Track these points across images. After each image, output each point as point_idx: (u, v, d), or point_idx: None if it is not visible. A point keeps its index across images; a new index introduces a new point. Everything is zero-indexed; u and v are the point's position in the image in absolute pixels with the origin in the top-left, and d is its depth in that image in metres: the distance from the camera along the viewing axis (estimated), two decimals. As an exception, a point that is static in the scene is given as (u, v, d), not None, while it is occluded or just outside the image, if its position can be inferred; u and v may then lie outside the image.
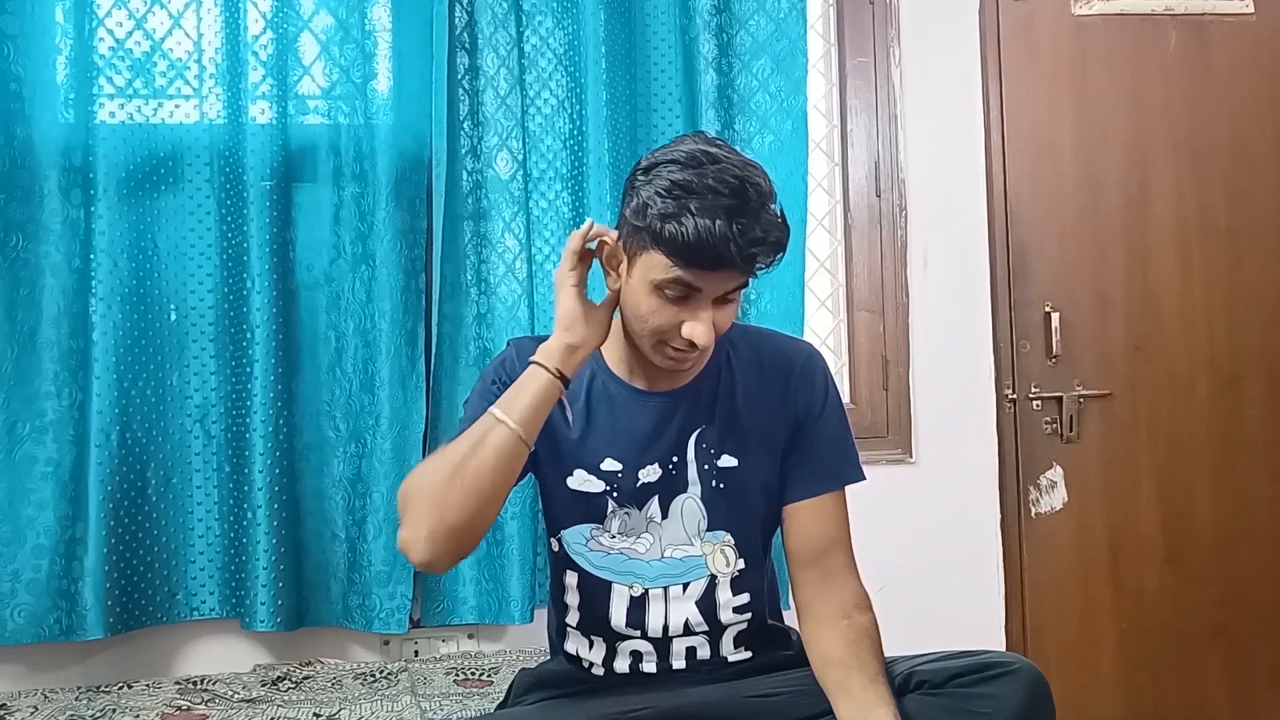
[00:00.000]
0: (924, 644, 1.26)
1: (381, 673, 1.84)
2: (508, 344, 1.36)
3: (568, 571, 1.31)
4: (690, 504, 1.29)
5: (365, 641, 1.97)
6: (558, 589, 1.34)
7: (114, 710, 1.65)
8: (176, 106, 1.89)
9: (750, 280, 1.18)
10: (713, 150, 1.15)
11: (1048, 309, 2.26)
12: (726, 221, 1.09)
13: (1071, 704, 2.16)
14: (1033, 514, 2.25)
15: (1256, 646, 2.30)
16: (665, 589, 1.28)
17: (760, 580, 1.33)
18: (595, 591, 1.29)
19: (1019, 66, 2.27)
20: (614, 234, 1.22)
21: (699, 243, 1.09)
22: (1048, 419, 2.26)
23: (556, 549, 1.32)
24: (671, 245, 1.11)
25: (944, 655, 1.20)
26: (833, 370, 2.19)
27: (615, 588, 1.29)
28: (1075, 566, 2.26)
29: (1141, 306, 2.28)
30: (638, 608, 1.28)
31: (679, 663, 1.30)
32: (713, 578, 1.29)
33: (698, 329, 1.15)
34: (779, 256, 1.14)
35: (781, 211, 1.15)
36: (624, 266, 1.20)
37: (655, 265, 1.14)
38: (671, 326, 1.16)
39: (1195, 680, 2.29)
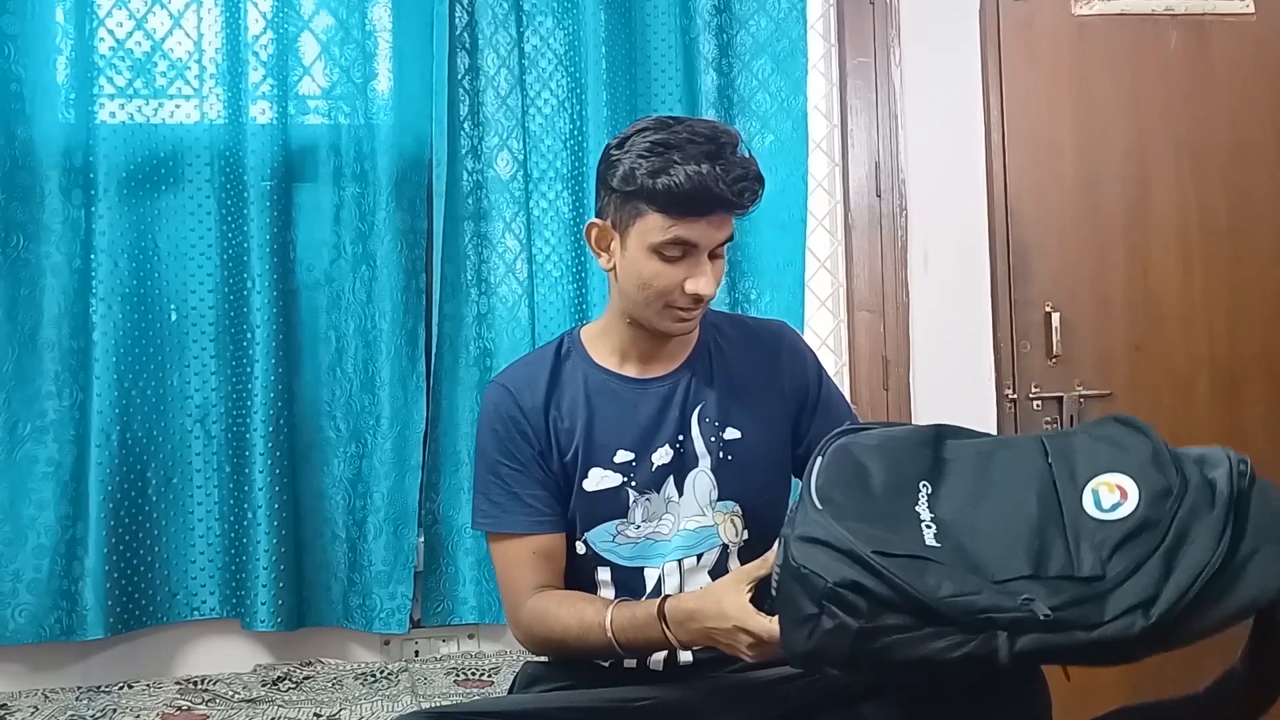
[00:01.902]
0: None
1: (382, 673, 1.84)
2: (491, 387, 1.37)
3: (599, 569, 1.32)
4: (702, 477, 1.32)
5: (365, 641, 1.97)
6: (588, 586, 1.33)
7: (114, 710, 1.65)
8: (177, 106, 1.89)
9: (734, 234, 1.26)
10: (675, 116, 1.27)
11: (1048, 309, 2.26)
12: (710, 164, 1.17)
13: (1071, 704, 2.15)
14: (1033, 514, 2.24)
15: (1257, 646, 2.29)
16: (679, 562, 1.30)
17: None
18: (631, 579, 1.31)
19: (1019, 66, 2.26)
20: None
21: (692, 188, 1.16)
22: (1048, 419, 2.26)
23: (583, 551, 1.33)
24: (667, 197, 1.18)
25: None
26: (833, 370, 2.23)
27: (648, 571, 1.31)
28: (1076, 566, 2.25)
29: (1142, 306, 2.28)
30: (657, 584, 1.30)
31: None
32: (724, 547, 1.31)
33: (700, 281, 1.22)
34: (761, 192, 1.22)
35: (750, 153, 1.24)
36: (615, 243, 1.26)
37: (652, 228, 1.21)
38: (675, 286, 1.23)
39: (1195, 680, 2.27)
